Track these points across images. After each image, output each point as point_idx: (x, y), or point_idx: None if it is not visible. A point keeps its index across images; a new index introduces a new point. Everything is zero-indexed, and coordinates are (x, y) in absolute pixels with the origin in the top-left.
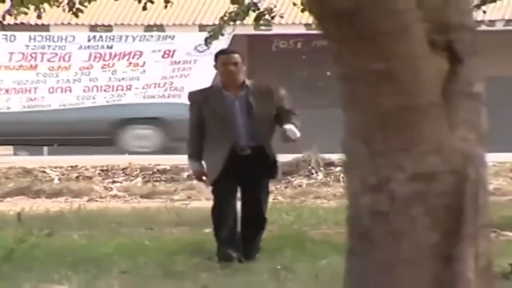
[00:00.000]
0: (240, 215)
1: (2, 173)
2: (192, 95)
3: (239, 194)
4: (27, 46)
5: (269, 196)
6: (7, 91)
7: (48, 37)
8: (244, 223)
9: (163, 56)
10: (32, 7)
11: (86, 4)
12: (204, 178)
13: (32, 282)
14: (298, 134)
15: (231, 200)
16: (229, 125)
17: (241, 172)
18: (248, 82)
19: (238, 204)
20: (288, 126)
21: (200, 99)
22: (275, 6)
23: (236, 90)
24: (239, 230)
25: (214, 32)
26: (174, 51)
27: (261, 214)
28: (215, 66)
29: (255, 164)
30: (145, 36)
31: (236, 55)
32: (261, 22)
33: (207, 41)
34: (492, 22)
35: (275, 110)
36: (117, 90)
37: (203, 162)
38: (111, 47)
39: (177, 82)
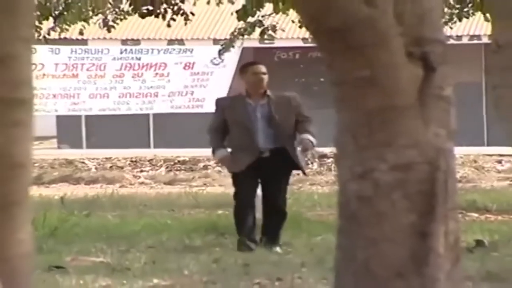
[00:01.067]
0: (262, 208)
1: (48, 163)
2: (219, 101)
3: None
4: (69, 57)
5: (286, 192)
6: (54, 96)
7: (87, 50)
8: (265, 215)
9: (184, 68)
10: (71, 24)
11: (118, 21)
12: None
13: (72, 255)
14: (314, 141)
15: (251, 196)
16: (249, 130)
17: (261, 172)
18: (269, 92)
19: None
20: (304, 136)
21: (225, 104)
22: (277, 23)
23: (258, 98)
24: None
25: (226, 45)
26: (193, 63)
27: (279, 208)
28: (242, 77)
29: (274, 164)
30: (168, 49)
31: (264, 67)
32: (265, 36)
33: (221, 53)
34: (459, 37)
35: (295, 116)
36: (147, 97)
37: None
38: (139, 59)
39: (198, 93)
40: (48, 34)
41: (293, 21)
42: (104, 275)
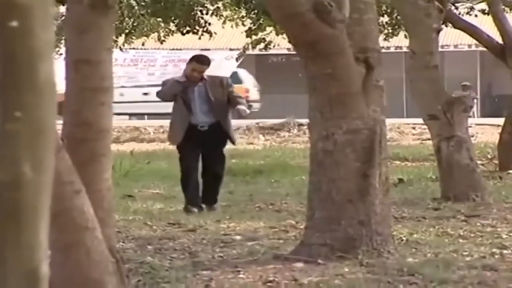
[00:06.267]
0: (202, 176)
1: (123, 129)
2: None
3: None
4: (134, 55)
5: (225, 159)
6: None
7: (145, 52)
8: (205, 183)
9: None
10: (137, 38)
11: (167, 37)
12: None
13: (139, 188)
14: (247, 111)
15: (194, 162)
16: (189, 107)
17: (201, 142)
18: (205, 75)
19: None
20: (240, 107)
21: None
22: (273, 40)
23: (196, 81)
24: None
25: (240, 54)
26: (213, 59)
27: (218, 174)
28: (187, 63)
29: (212, 136)
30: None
31: (205, 67)
32: (265, 48)
33: (237, 59)
34: (388, 47)
35: (227, 95)
36: None
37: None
38: (179, 56)
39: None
40: (123, 45)
41: (283, 38)
42: (159, 201)
